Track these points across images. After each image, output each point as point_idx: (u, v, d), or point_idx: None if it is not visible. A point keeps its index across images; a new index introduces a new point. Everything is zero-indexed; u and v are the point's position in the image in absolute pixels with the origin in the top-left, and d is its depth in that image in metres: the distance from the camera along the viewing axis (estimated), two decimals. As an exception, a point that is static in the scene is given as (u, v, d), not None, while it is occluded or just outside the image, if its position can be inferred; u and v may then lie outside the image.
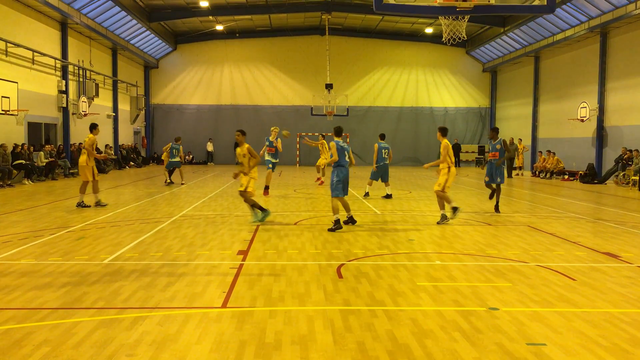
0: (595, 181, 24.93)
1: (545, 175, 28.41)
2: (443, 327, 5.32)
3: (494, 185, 14.01)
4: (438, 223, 11.90)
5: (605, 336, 5.10)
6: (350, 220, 11.51)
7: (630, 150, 23.55)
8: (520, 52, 34.42)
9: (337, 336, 5.06)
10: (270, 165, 17.67)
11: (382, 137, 17.50)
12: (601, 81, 26.78)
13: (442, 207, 12.22)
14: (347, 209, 11.43)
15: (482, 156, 40.04)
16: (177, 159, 21.18)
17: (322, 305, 6.01)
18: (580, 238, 10.32)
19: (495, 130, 14.07)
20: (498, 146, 13.75)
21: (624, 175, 23.32)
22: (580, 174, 26.09)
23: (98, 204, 14.20)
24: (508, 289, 6.70)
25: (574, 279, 7.21)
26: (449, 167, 12.07)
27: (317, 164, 22.55)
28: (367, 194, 17.16)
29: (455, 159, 39.53)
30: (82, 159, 14.12)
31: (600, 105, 26.76)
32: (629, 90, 24.89)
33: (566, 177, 27.17)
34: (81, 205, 13.94)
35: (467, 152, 40.32)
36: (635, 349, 4.81)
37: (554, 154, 28.61)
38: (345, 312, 5.75)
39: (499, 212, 13.80)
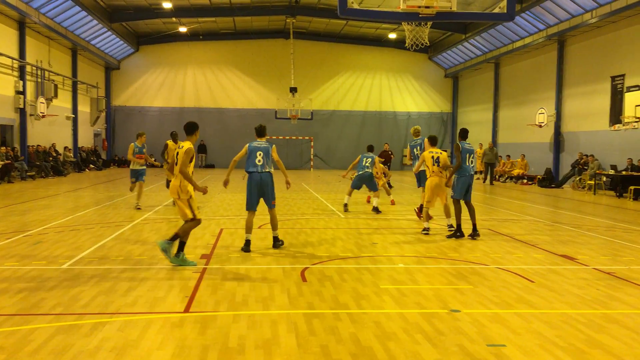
0: (553, 185, 25.58)
1: (511, 179, 28.91)
2: (406, 329, 5.38)
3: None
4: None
5: (562, 337, 5.24)
6: (273, 244, 9.47)
7: (587, 155, 24.24)
8: (481, 59, 35.07)
9: (301, 340, 5.05)
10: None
11: (370, 149, 16.19)
12: (558, 88, 27.50)
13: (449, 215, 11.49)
14: (273, 226, 9.45)
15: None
16: (136, 165, 15.02)
17: (286, 309, 6.00)
18: (538, 241, 10.57)
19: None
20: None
21: (580, 179, 23.98)
22: (539, 178, 26.71)
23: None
24: (469, 291, 6.81)
25: (532, 281, 7.38)
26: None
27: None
28: (345, 206, 14.93)
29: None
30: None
31: (557, 111, 27.46)
32: (585, 97, 25.62)
33: (525, 181, 27.77)
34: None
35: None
36: (591, 349, 4.95)
37: (523, 156, 29.01)
38: (309, 316, 5.76)
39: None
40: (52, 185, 21.91)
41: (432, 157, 11.31)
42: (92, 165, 33.45)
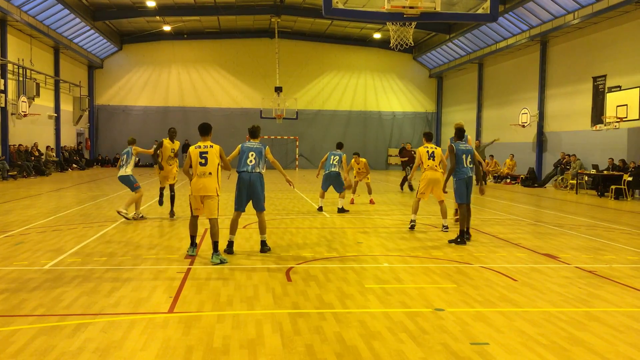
0: (536, 185, 25.82)
1: (495, 179, 29.09)
2: (390, 328, 5.40)
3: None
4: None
5: (544, 335, 5.29)
6: (261, 247, 9.21)
7: (569, 155, 24.50)
8: (464, 59, 35.29)
9: (285, 339, 5.05)
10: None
11: (339, 146, 16.09)
12: (541, 88, 27.77)
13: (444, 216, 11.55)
14: (261, 229, 9.24)
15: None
16: (122, 171, 12.89)
17: (271, 309, 5.99)
18: (521, 240, 10.66)
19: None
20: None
21: (562, 179, 24.24)
22: (522, 177, 26.95)
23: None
24: (453, 290, 6.86)
25: (515, 280, 7.45)
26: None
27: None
28: (320, 208, 14.83)
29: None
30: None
31: (540, 111, 27.73)
32: (567, 97, 25.89)
33: (508, 180, 28.00)
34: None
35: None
36: (573, 346, 5.00)
37: (512, 156, 29.14)
38: (294, 315, 5.76)
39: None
40: (34, 185, 21.66)
41: (427, 152, 11.53)
42: (75, 165, 33.14)
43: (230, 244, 9.03)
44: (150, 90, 39.19)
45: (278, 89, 34.15)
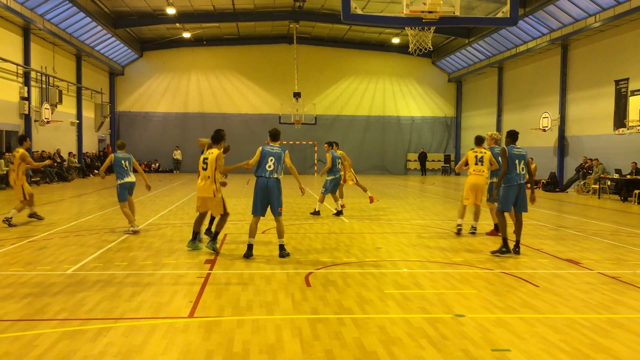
0: (557, 189, 25.52)
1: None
2: (410, 334, 5.37)
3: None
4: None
5: (567, 341, 5.22)
6: (279, 252, 9.21)
7: (591, 159, 24.19)
8: (484, 63, 35.08)
9: (305, 345, 5.05)
10: None
11: (335, 144, 15.13)
12: (562, 92, 27.48)
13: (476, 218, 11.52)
14: (279, 234, 9.24)
15: (447, 165, 40.62)
16: (133, 177, 12.14)
17: (290, 314, 6.00)
18: (542, 245, 10.54)
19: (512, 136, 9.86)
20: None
21: (584, 183, 23.93)
22: (543, 182, 26.66)
23: (34, 215, 13.04)
24: (473, 296, 6.80)
25: (537, 286, 7.36)
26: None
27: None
28: (317, 212, 14.62)
29: (422, 167, 40.03)
30: (12, 177, 12.75)
31: (561, 115, 27.43)
32: (589, 101, 25.58)
33: (529, 185, 27.66)
34: (7, 221, 12.23)
35: (433, 160, 40.88)
36: (596, 353, 4.93)
37: (531, 159, 28.78)
38: (313, 321, 5.75)
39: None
40: (56, 191, 21.97)
41: (476, 156, 11.42)
42: (96, 171, 33.53)
43: (250, 247, 9.06)
44: (170, 96, 39.56)
45: (296, 95, 34.25)
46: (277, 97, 38.59)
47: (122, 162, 11.87)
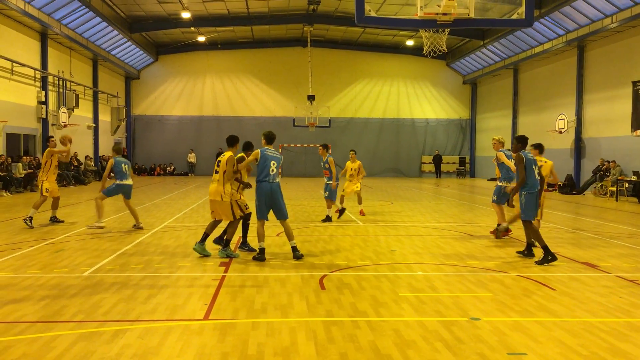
0: (574, 192, 25.28)
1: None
2: (425, 337, 5.34)
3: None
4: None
5: (584, 345, 5.16)
6: (293, 254, 9.17)
7: (608, 162, 23.92)
8: (499, 65, 34.87)
9: (319, 347, 5.05)
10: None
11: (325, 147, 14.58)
12: (579, 93, 27.23)
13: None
14: (288, 236, 9.30)
15: (462, 167, 40.40)
16: (131, 180, 12.94)
17: (305, 317, 6.00)
18: (559, 248, 10.44)
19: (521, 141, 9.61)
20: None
21: (601, 186, 23.67)
22: (559, 184, 26.43)
23: (54, 219, 13.39)
24: (489, 299, 6.75)
25: (553, 289, 7.29)
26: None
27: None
28: (329, 218, 14.21)
29: (437, 170, 39.84)
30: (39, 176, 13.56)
31: (578, 117, 27.18)
32: (606, 103, 25.32)
33: (545, 187, 27.46)
34: (28, 220, 12.50)
35: (448, 163, 40.68)
36: (614, 357, 4.87)
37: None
38: (328, 323, 5.75)
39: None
40: (73, 194, 22.18)
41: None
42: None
43: (262, 250, 9.08)
44: (185, 100, 39.80)
45: (311, 97, 34.29)
46: (291, 100, 38.67)
47: (123, 165, 12.59)
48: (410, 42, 37.47)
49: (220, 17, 33.15)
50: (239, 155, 9.62)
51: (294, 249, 9.22)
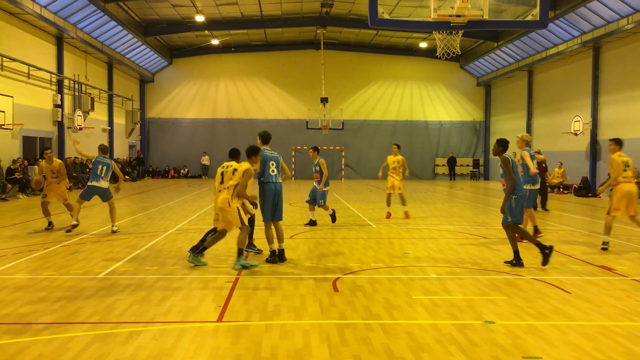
0: (589, 194, 25.03)
1: (551, 189, 28.02)
2: (439, 340, 5.32)
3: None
4: None
5: (600, 349, 5.11)
6: (278, 256, 9.07)
7: (624, 164, 23.63)
8: (513, 67, 34.68)
9: (333, 350, 5.04)
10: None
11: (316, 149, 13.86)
12: (594, 95, 26.99)
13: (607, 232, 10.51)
14: (279, 238, 9.16)
15: (476, 170, 40.20)
16: (104, 183, 12.56)
17: (318, 319, 5.99)
18: (574, 251, 10.35)
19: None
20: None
21: (617, 188, 23.36)
22: (575, 187, 26.18)
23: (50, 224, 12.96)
24: (504, 303, 6.70)
25: (569, 292, 7.23)
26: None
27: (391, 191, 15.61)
28: (314, 222, 13.68)
29: (450, 172, 39.66)
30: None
31: (593, 118, 26.94)
32: (622, 104, 25.07)
33: (560, 190, 27.24)
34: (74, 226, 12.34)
35: (461, 165, 40.51)
36: (631, 362, 4.82)
37: (560, 164, 28.21)
38: (341, 326, 5.74)
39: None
40: (88, 196, 22.33)
41: (623, 161, 10.43)
42: (127, 177, 34.07)
43: (273, 252, 9.06)
44: (199, 102, 40.02)
45: (324, 100, 34.32)
46: (304, 103, 38.73)
47: (99, 166, 12.31)
48: (423, 44, 37.40)
49: (233, 20, 33.31)
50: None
51: (282, 251, 9.11)
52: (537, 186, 11.37)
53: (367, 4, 9.72)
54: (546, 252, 8.80)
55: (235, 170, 8.52)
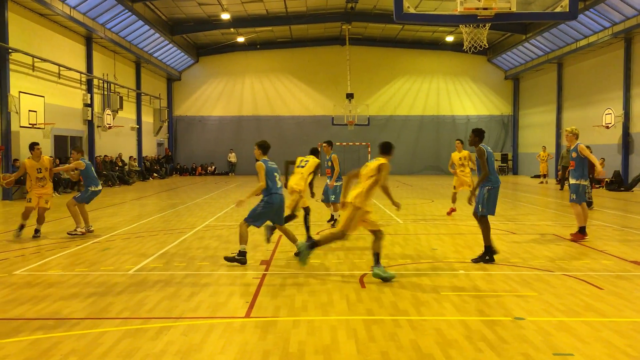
0: (622, 189, 24.51)
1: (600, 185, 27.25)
2: (468, 337, 5.27)
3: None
4: None
5: (633, 346, 5.01)
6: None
7: (658, 157, 23.13)
8: (542, 59, 34.11)
9: (360, 346, 5.04)
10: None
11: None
12: (626, 87, 26.39)
13: None
14: (292, 239, 8.92)
15: (505, 164, 39.68)
16: (99, 187, 12.04)
17: (345, 315, 6.00)
18: (606, 246, 10.15)
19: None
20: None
21: (651, 182, 22.87)
22: (607, 181, 25.67)
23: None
24: (534, 299, 6.62)
25: (601, 288, 7.10)
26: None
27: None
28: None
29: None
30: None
31: (625, 111, 26.36)
32: (655, 96, 24.48)
33: (593, 184, 26.70)
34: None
35: (490, 160, 39.95)
36: (666, 359, 4.71)
37: (603, 160, 27.42)
38: (369, 322, 5.74)
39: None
40: (118, 194, 22.73)
41: None
42: (155, 174, 34.50)
43: (244, 253, 8.49)
44: (225, 100, 40.28)
45: (349, 96, 34.23)
46: (329, 99, 38.69)
47: (93, 169, 11.72)
48: (450, 38, 36.99)
49: (259, 17, 33.41)
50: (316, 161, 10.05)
51: (306, 247, 8.12)
52: (586, 182, 10.94)
53: (393, -1, 9.67)
54: (487, 257, 8.69)
55: (380, 164, 7.72)
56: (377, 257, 7.56)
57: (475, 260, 8.77)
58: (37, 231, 11.37)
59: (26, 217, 11.39)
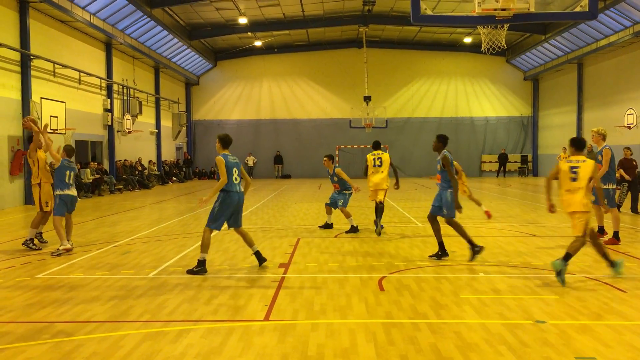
0: (645, 190, 24.10)
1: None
2: (488, 340, 5.22)
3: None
4: None
5: (658, 350, 4.92)
6: (257, 259, 8.60)
7: (681, 157, 22.72)
8: (562, 59, 33.75)
9: (379, 349, 5.02)
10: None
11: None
12: (648, 87, 26.02)
13: None
14: (249, 242, 8.70)
15: (524, 166, 39.28)
16: (74, 190, 10.39)
17: (364, 318, 5.98)
18: (629, 248, 10.00)
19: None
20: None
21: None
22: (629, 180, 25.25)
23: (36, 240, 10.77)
24: (555, 302, 6.54)
25: (624, 291, 6.99)
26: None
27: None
28: (330, 225, 12.90)
29: (502, 168, 38.74)
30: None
31: (647, 111, 25.97)
32: (678, 95, 24.07)
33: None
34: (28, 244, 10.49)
35: (509, 162, 39.53)
36: (692, 363, 4.62)
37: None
38: (388, 325, 5.71)
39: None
40: (138, 198, 22.93)
41: None
42: (174, 178, 34.77)
43: (203, 262, 8.19)
44: (243, 104, 40.48)
45: (367, 98, 34.19)
46: (347, 102, 38.68)
47: (67, 172, 10.19)
48: (468, 40, 36.77)
49: (276, 21, 33.55)
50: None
51: (258, 253, 8.64)
52: (613, 185, 10.82)
53: (410, 1, 9.65)
54: (476, 249, 8.97)
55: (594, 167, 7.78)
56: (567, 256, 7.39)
57: (433, 256, 9.32)
58: (39, 234, 10.82)
59: (44, 223, 10.77)
